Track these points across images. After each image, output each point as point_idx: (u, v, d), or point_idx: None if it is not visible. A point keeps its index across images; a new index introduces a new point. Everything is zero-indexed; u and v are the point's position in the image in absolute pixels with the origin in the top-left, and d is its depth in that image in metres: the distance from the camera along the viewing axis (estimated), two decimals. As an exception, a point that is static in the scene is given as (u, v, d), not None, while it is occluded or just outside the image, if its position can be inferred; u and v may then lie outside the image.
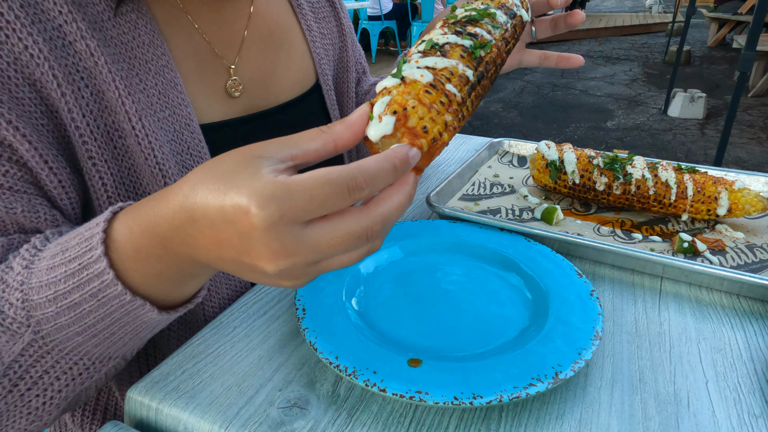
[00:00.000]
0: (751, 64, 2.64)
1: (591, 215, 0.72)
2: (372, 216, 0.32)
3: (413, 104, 0.33)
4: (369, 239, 0.32)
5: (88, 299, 0.37)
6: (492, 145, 0.93)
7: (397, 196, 0.33)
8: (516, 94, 5.77)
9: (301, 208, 0.29)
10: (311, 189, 0.29)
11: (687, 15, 4.76)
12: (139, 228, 0.36)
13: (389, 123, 0.33)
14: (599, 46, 8.50)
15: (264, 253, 0.30)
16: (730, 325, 0.52)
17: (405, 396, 0.40)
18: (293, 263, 0.31)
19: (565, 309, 0.50)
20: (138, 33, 0.53)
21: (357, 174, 0.30)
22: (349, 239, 0.31)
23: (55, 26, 0.46)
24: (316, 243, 0.31)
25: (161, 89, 0.54)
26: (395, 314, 0.52)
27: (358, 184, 0.30)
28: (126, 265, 0.37)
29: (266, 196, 0.29)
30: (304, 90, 0.74)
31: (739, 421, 0.41)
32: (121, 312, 0.38)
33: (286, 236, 0.30)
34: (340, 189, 0.30)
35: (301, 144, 0.32)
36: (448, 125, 0.35)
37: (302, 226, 0.30)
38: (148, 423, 0.44)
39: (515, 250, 0.60)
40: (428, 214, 0.74)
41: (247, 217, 0.29)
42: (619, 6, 14.36)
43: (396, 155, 0.32)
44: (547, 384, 0.41)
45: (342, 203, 0.30)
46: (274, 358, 0.48)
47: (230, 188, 0.30)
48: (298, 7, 0.75)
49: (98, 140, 0.49)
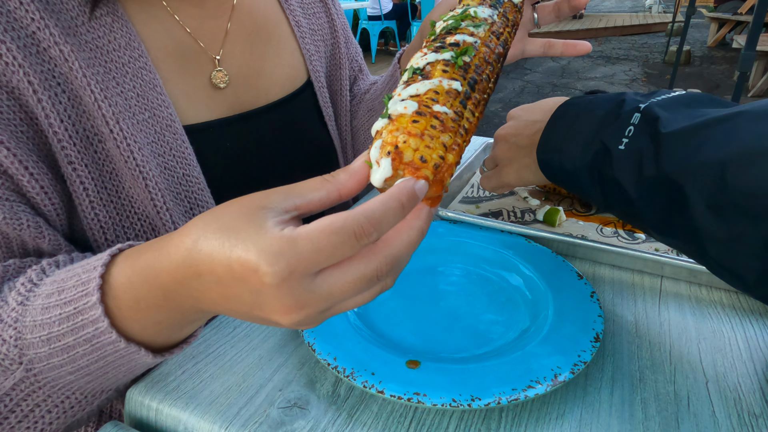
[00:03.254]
0: (751, 64, 2.64)
1: (592, 216, 0.72)
2: (381, 257, 0.31)
3: (404, 139, 0.33)
4: (380, 279, 0.31)
5: (82, 343, 0.37)
6: (488, 146, 0.93)
7: (408, 233, 0.32)
8: (516, 94, 5.77)
9: (309, 261, 0.29)
10: (317, 241, 0.29)
11: (687, 15, 4.76)
12: (139, 279, 0.35)
13: (387, 165, 0.33)
14: (599, 46, 8.50)
15: (277, 307, 0.30)
16: (730, 325, 0.52)
17: (403, 398, 0.40)
18: (307, 314, 0.31)
19: (565, 311, 0.50)
20: (114, 36, 0.53)
21: (362, 220, 0.29)
22: (360, 283, 0.31)
23: (29, 33, 0.46)
24: (328, 292, 0.30)
25: (140, 91, 0.54)
26: (394, 315, 0.52)
27: (365, 231, 0.29)
28: (124, 314, 0.36)
29: (274, 252, 0.28)
30: (295, 87, 0.74)
31: (739, 421, 0.41)
32: (115, 356, 0.38)
33: (298, 290, 0.29)
34: (347, 237, 0.29)
35: (305, 194, 0.32)
36: (448, 146, 0.34)
37: (312, 278, 0.30)
38: (148, 423, 0.44)
39: (515, 252, 0.60)
40: (428, 215, 0.74)
41: (256, 275, 0.29)
42: (619, 6, 14.36)
43: (401, 192, 0.31)
44: (546, 386, 0.41)
45: (351, 251, 0.30)
46: (274, 358, 0.48)
47: (236, 244, 0.29)
48: (285, 2, 0.75)
49: (77, 145, 0.49)
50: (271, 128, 0.69)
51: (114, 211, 0.53)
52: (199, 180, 0.59)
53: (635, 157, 0.43)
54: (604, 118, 0.47)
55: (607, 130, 0.46)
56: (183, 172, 0.57)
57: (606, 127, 0.46)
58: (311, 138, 0.76)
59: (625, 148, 0.44)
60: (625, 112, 0.45)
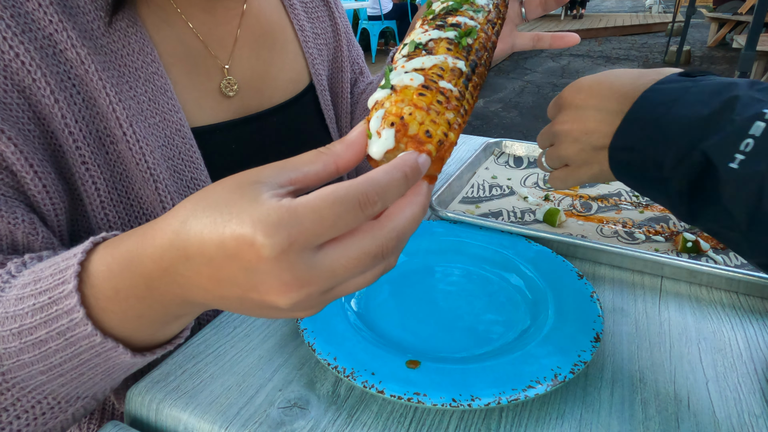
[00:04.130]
0: (751, 64, 2.64)
1: (592, 216, 0.72)
2: (385, 231, 0.29)
3: (409, 111, 0.31)
4: (384, 257, 0.30)
5: (55, 337, 0.34)
6: (488, 146, 0.93)
7: (411, 208, 0.30)
8: (516, 94, 5.77)
9: (311, 232, 0.27)
10: (320, 210, 0.27)
11: (687, 15, 4.76)
12: (119, 266, 0.32)
13: (389, 136, 0.31)
14: (599, 46, 8.50)
15: (275, 286, 0.27)
16: (730, 325, 0.52)
17: (403, 398, 0.40)
18: (308, 293, 0.28)
19: (565, 311, 0.50)
20: (128, 41, 0.53)
21: (368, 188, 0.28)
22: (365, 259, 0.29)
23: (45, 35, 0.47)
24: (331, 268, 0.28)
25: (151, 96, 0.54)
26: (394, 315, 0.52)
27: (370, 199, 0.28)
28: (102, 305, 0.33)
29: (272, 223, 0.26)
30: (298, 91, 0.74)
31: (739, 421, 0.41)
32: (91, 353, 0.35)
33: (297, 265, 0.27)
34: (351, 206, 0.27)
35: (300, 167, 0.30)
36: (451, 124, 0.33)
37: (314, 252, 0.27)
38: (148, 423, 0.44)
39: (515, 252, 0.60)
40: (428, 215, 0.74)
41: (252, 248, 0.26)
42: (619, 6, 14.36)
43: (405, 163, 0.30)
44: (546, 386, 0.41)
45: (354, 221, 0.28)
46: (274, 358, 0.48)
47: (229, 219, 0.27)
48: (290, 6, 0.75)
49: (91, 146, 0.50)
50: (274, 131, 0.69)
51: (123, 212, 0.53)
52: (206, 183, 0.59)
53: (755, 184, 0.34)
54: (707, 121, 0.37)
55: (713, 138, 0.36)
56: (191, 175, 0.58)
57: (711, 134, 0.36)
58: (313, 140, 0.77)
59: (740, 167, 0.34)
60: (741, 117, 0.35)
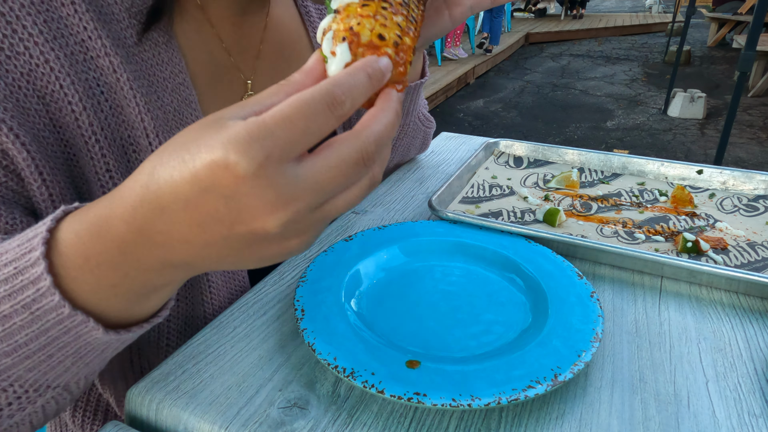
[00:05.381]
0: (750, 64, 2.64)
1: (592, 216, 0.72)
2: (363, 136, 0.28)
3: (357, 21, 0.32)
4: (366, 165, 0.29)
5: (20, 311, 0.31)
6: (488, 146, 0.93)
7: (384, 114, 0.30)
8: (516, 94, 5.77)
9: (285, 141, 0.26)
10: (289, 116, 0.26)
11: (687, 15, 4.76)
12: (88, 232, 0.30)
13: (344, 50, 0.31)
14: (599, 46, 8.50)
15: (259, 208, 0.26)
16: (730, 325, 0.52)
17: (403, 398, 0.40)
18: (296, 211, 0.27)
19: (565, 311, 0.50)
20: (159, 50, 0.52)
21: (332, 88, 0.27)
22: (347, 168, 0.28)
23: (78, 41, 0.46)
24: (314, 179, 0.27)
25: (176, 106, 0.54)
26: (394, 315, 0.52)
27: (337, 98, 0.27)
28: (72, 274, 0.31)
29: (243, 139, 0.25)
30: None
31: (739, 421, 0.41)
32: (59, 329, 0.32)
33: (278, 179, 0.26)
34: (320, 107, 0.27)
35: (262, 101, 0.29)
36: (402, 27, 0.33)
37: (294, 164, 0.27)
38: (148, 423, 0.44)
39: (515, 252, 0.60)
40: (428, 215, 0.74)
41: (228, 171, 0.25)
42: (619, 6, 14.36)
43: (366, 64, 0.29)
44: (546, 386, 0.41)
45: (326, 124, 0.27)
46: (275, 358, 0.48)
47: (197, 151, 0.26)
48: (306, 14, 0.74)
49: (115, 154, 0.49)
50: None
51: None
52: None
53: None
54: None
55: None
56: None
57: None
58: None
59: None
60: None
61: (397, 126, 0.30)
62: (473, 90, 6.05)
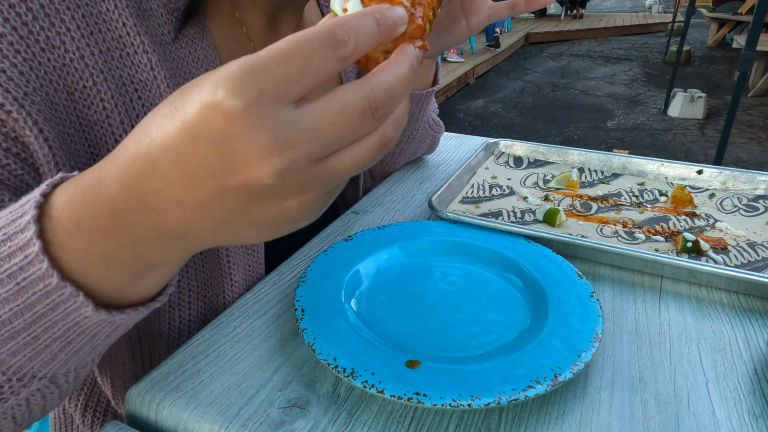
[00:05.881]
0: (751, 64, 2.64)
1: (592, 216, 0.72)
2: (372, 83, 0.25)
3: None
4: (375, 115, 0.25)
5: (5, 281, 0.29)
6: (488, 146, 0.94)
7: (397, 65, 0.26)
8: (516, 94, 5.77)
9: (281, 77, 0.23)
10: (287, 51, 0.23)
11: (687, 15, 4.76)
12: (80, 194, 0.28)
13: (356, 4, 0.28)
14: (599, 46, 8.50)
15: (252, 152, 0.23)
16: (730, 324, 0.52)
17: (403, 398, 0.40)
18: (292, 158, 0.24)
19: (565, 311, 0.50)
20: (194, 48, 0.52)
21: (334, 26, 0.24)
22: (351, 114, 0.25)
23: (115, 37, 0.46)
24: (314, 125, 0.24)
25: None
26: (394, 315, 0.52)
27: (339, 37, 0.24)
28: (62, 240, 0.28)
29: (235, 75, 0.22)
30: None
31: (739, 421, 0.41)
32: (46, 304, 0.29)
33: (274, 120, 0.23)
34: (320, 45, 0.24)
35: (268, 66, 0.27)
36: None
37: (292, 107, 0.24)
38: (148, 423, 0.44)
39: (515, 252, 0.60)
40: (428, 215, 0.74)
41: (218, 110, 0.22)
42: (619, 6, 14.36)
43: (376, 9, 0.26)
44: (546, 386, 0.41)
45: (327, 64, 0.24)
46: (274, 358, 0.48)
47: (188, 95, 0.24)
48: None
49: None
50: None
51: None
52: None
53: None
54: None
55: None
56: None
57: None
58: None
59: None
60: None
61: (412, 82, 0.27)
62: (473, 90, 6.06)
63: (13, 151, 0.41)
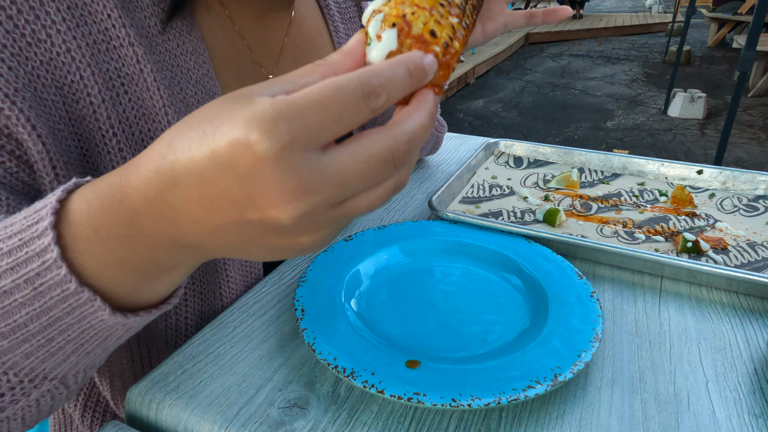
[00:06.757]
0: (751, 64, 2.64)
1: (592, 216, 0.72)
2: (396, 134, 0.26)
3: (412, 10, 0.29)
4: (396, 164, 0.27)
5: (23, 286, 0.29)
6: (488, 145, 0.94)
7: (419, 113, 0.27)
8: (516, 94, 5.77)
9: (315, 126, 0.24)
10: (322, 99, 0.24)
11: (687, 15, 4.76)
12: (100, 202, 0.28)
13: (391, 37, 0.29)
14: (599, 46, 8.50)
15: (277, 194, 0.24)
16: (730, 324, 0.52)
17: (403, 398, 0.40)
18: (314, 203, 0.25)
19: (565, 311, 0.50)
20: (183, 41, 0.52)
21: (370, 77, 0.25)
22: (375, 163, 0.26)
23: (101, 29, 0.45)
24: (340, 172, 0.25)
25: (200, 99, 0.53)
26: (394, 315, 0.52)
27: (373, 89, 0.25)
28: (80, 246, 0.29)
29: (269, 117, 0.23)
30: None
31: (739, 421, 0.41)
32: (63, 309, 0.30)
33: (302, 166, 0.24)
34: (355, 96, 0.25)
35: (295, 80, 0.27)
36: (455, 30, 0.31)
37: (320, 152, 0.24)
38: (148, 423, 0.44)
39: (515, 252, 0.60)
40: (428, 215, 0.74)
41: (249, 150, 0.23)
42: (619, 6, 14.36)
43: (409, 59, 0.27)
44: (546, 386, 0.41)
45: (358, 114, 0.25)
46: (274, 358, 0.48)
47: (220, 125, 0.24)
48: (326, 8, 0.74)
49: (132, 148, 0.48)
50: None
51: None
52: None
53: None
54: None
55: None
56: None
57: None
58: None
59: None
60: None
61: (431, 130, 0.28)
62: (473, 90, 6.06)
63: (8, 149, 0.41)
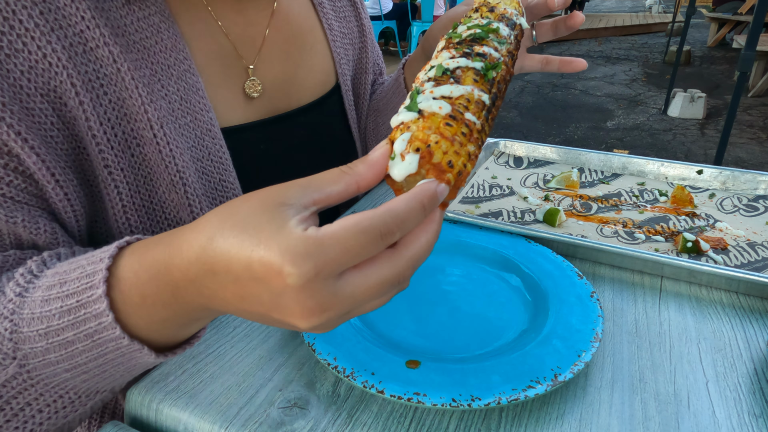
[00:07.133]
0: (751, 64, 2.63)
1: (592, 216, 0.72)
2: (404, 260, 0.30)
3: (436, 139, 0.32)
4: (401, 283, 0.31)
5: (83, 339, 0.35)
6: (488, 146, 0.94)
7: (425, 236, 0.31)
8: (516, 94, 5.77)
9: (336, 262, 0.28)
10: (346, 241, 0.28)
11: (687, 15, 4.76)
12: (147, 274, 0.34)
13: (413, 161, 0.32)
14: (599, 46, 8.50)
15: (297, 311, 0.29)
16: (730, 324, 0.52)
17: (403, 398, 0.40)
18: (328, 317, 0.29)
19: (565, 311, 0.50)
20: (161, 37, 0.52)
21: (388, 219, 0.29)
22: (384, 286, 0.30)
23: (77, 32, 0.45)
24: (352, 294, 0.29)
25: (183, 94, 0.53)
26: (394, 315, 0.52)
27: (390, 230, 0.29)
28: (129, 310, 0.35)
29: (300, 253, 0.27)
30: (325, 92, 0.73)
31: (739, 421, 0.41)
32: (116, 354, 0.36)
33: (321, 292, 0.28)
34: (373, 237, 0.29)
35: (323, 187, 0.31)
36: (471, 155, 0.34)
37: (336, 280, 0.29)
38: (148, 423, 0.44)
39: (515, 252, 0.60)
40: (428, 215, 0.74)
41: (280, 276, 0.27)
42: (619, 6, 14.35)
43: (424, 194, 0.31)
44: (546, 386, 0.41)
45: (375, 250, 0.29)
46: (274, 358, 0.48)
47: (257, 244, 0.28)
48: (319, 5, 0.74)
49: (115, 149, 0.48)
50: (301, 131, 0.69)
51: (145, 216, 0.53)
52: (234, 186, 0.59)
53: None
54: None
55: None
56: (219, 177, 0.57)
57: None
58: (337, 141, 0.77)
59: None
60: None
61: (434, 244, 0.33)
62: (473, 90, 6.03)
63: (11, 166, 0.42)
